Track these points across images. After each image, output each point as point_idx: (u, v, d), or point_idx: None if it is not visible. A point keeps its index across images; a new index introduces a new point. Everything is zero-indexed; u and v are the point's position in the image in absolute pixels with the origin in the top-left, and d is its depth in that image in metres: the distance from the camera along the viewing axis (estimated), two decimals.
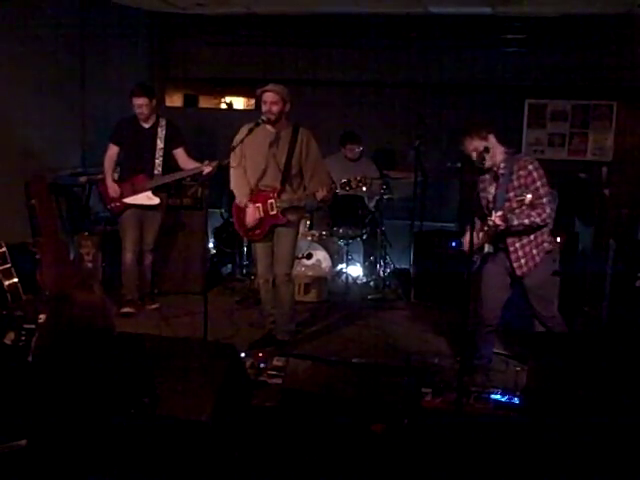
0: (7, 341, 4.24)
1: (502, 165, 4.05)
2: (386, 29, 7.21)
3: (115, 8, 6.93)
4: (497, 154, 4.06)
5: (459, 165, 6.57)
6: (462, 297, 3.80)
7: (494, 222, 3.94)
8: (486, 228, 4.07)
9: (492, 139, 4.05)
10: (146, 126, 5.51)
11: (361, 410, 3.46)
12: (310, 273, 6.16)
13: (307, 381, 3.65)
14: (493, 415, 3.89)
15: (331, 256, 6.25)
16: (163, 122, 5.55)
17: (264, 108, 4.54)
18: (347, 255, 6.39)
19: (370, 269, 6.65)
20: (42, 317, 4.52)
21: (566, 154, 7.00)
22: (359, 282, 6.55)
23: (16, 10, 5.83)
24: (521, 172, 3.99)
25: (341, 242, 6.43)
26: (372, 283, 6.51)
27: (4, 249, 5.36)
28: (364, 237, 6.47)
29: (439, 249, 6.05)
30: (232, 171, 4.72)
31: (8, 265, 5.37)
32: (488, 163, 4.01)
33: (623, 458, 2.93)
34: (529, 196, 3.73)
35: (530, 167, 3.99)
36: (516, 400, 4.03)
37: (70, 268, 5.87)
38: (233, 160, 4.65)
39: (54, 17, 6.28)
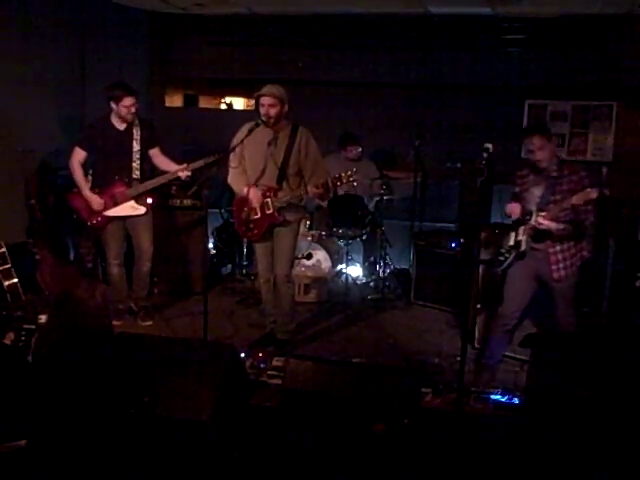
0: (7, 341, 4.24)
1: (554, 168, 4.14)
2: (386, 29, 7.21)
3: (115, 8, 6.94)
4: (553, 157, 4.16)
5: (459, 165, 6.57)
6: (462, 297, 3.80)
7: (537, 222, 4.04)
8: (530, 224, 4.13)
9: (553, 142, 4.19)
10: (121, 128, 5.15)
11: (361, 410, 3.46)
12: (310, 273, 6.16)
13: (307, 381, 3.65)
14: (493, 415, 3.89)
15: (331, 256, 6.25)
16: (137, 121, 5.19)
17: (262, 111, 4.53)
18: (347, 255, 6.38)
19: (370, 269, 6.65)
20: (42, 317, 4.53)
21: (566, 154, 6.99)
22: (359, 282, 6.54)
23: (16, 10, 5.84)
24: (573, 177, 4.10)
25: (341, 242, 6.43)
26: (372, 283, 6.51)
27: (4, 249, 5.36)
28: (364, 237, 6.46)
29: (439, 249, 6.05)
30: (231, 170, 4.72)
31: (8, 265, 5.37)
32: (544, 164, 4.12)
33: (623, 458, 2.93)
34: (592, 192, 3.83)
35: (582, 173, 4.12)
36: (516, 400, 4.03)
37: (70, 268, 5.87)
38: (233, 160, 4.65)
39: (54, 17, 6.29)
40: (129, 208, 5.20)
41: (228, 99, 8.38)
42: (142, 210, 5.23)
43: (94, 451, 2.48)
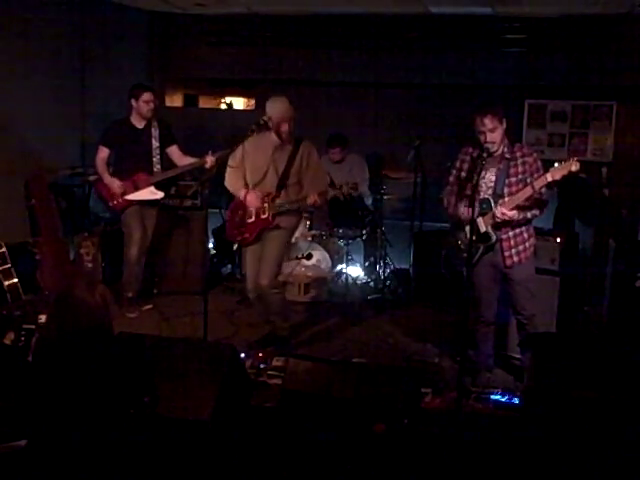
0: (7, 341, 4.24)
1: (506, 150, 4.08)
2: (386, 29, 7.21)
3: (115, 8, 6.94)
4: (504, 139, 4.08)
5: None
6: (461, 296, 3.80)
7: (501, 214, 3.97)
8: (491, 214, 4.05)
9: (504, 125, 4.06)
10: (140, 127, 5.46)
11: (361, 410, 3.46)
12: (310, 273, 6.15)
13: (307, 381, 3.65)
14: (493, 415, 3.89)
15: (331, 256, 6.25)
16: (155, 121, 5.52)
17: (283, 130, 4.52)
18: (347, 255, 6.38)
19: (370, 269, 6.64)
20: (42, 317, 4.53)
21: (566, 154, 6.99)
22: (359, 282, 6.54)
23: (16, 10, 5.84)
24: (527, 159, 4.05)
25: (341, 242, 6.42)
26: (372, 283, 6.50)
27: (4, 249, 5.36)
28: (364, 237, 6.46)
29: (439, 249, 6.03)
30: (229, 170, 4.72)
31: (8, 265, 5.37)
32: (494, 147, 4.02)
33: (623, 458, 2.93)
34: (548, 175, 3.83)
35: (535, 155, 4.10)
36: (516, 400, 4.03)
37: (70, 268, 5.87)
38: (232, 160, 4.65)
39: (54, 17, 6.29)
40: (148, 192, 5.47)
41: (228, 99, 8.39)
42: (160, 194, 5.53)
43: (94, 451, 2.48)
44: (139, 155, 5.45)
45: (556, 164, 3.85)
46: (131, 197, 5.45)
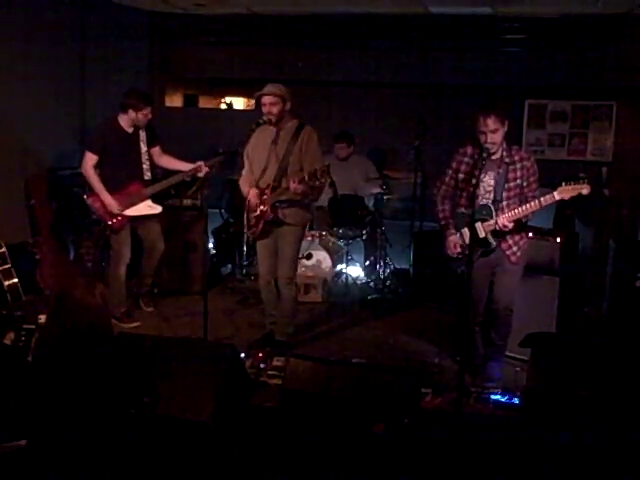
0: (7, 341, 4.24)
1: (505, 154, 4.06)
2: (386, 29, 7.21)
3: (115, 8, 6.93)
4: (503, 142, 4.05)
5: None
6: (461, 296, 3.80)
7: (504, 225, 3.99)
8: (491, 223, 4.05)
9: (506, 127, 4.02)
10: (130, 131, 5.23)
11: (361, 410, 3.46)
12: (310, 274, 6.16)
13: (307, 381, 3.65)
14: (493, 415, 3.89)
15: (331, 256, 6.25)
16: None
17: (264, 110, 4.54)
18: (347, 255, 6.38)
19: (370, 269, 6.65)
20: (42, 317, 4.53)
21: (566, 154, 6.99)
22: (359, 282, 6.54)
23: (16, 10, 5.84)
24: (525, 163, 4.05)
25: (341, 242, 6.43)
26: (372, 283, 6.51)
27: (4, 249, 5.37)
28: (364, 237, 6.47)
29: (439, 249, 6.03)
30: (244, 170, 4.81)
31: (8, 265, 5.37)
32: (494, 149, 4.00)
33: (623, 458, 2.93)
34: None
35: (532, 158, 4.10)
36: (516, 400, 4.03)
37: (70, 268, 5.88)
38: (243, 162, 4.73)
39: (54, 17, 6.29)
40: (146, 207, 5.28)
41: (228, 99, 8.39)
42: (158, 209, 5.32)
43: (94, 451, 2.48)
44: (130, 162, 5.20)
45: (564, 184, 3.85)
46: (130, 213, 5.20)
